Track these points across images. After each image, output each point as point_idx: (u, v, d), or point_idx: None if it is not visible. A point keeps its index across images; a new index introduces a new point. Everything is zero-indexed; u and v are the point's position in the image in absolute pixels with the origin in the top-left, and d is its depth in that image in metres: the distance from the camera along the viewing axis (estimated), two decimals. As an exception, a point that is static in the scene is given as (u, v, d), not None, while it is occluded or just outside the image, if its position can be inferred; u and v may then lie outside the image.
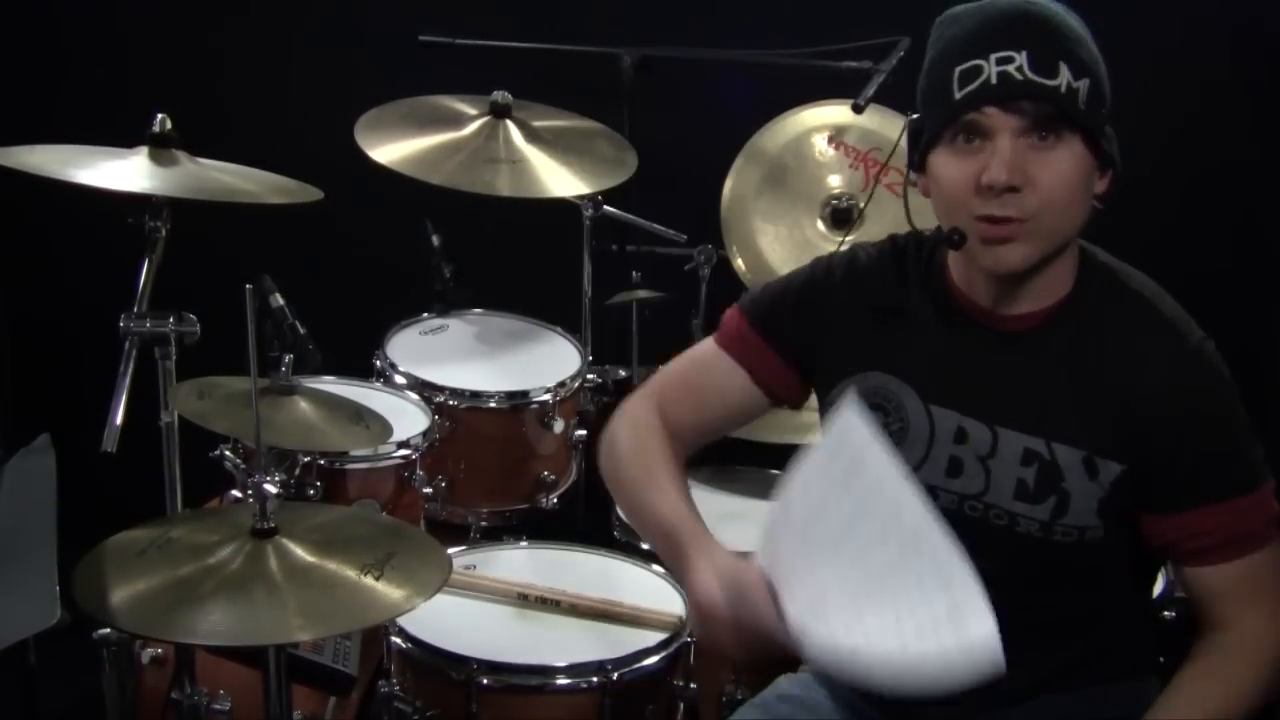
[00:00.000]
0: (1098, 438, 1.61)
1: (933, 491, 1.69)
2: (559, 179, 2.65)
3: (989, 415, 1.66)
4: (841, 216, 2.78)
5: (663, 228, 2.89)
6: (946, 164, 1.59)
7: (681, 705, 2.11)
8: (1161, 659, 1.87)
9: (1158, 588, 2.09)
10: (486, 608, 2.18)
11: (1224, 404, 1.62)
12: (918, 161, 1.64)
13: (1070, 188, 1.56)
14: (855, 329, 1.74)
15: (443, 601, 1.79)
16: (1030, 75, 1.52)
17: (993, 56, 1.53)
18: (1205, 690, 1.62)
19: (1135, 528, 1.66)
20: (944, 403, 1.68)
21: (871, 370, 1.71)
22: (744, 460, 2.69)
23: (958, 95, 1.55)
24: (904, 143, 1.71)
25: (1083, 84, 1.54)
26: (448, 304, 2.92)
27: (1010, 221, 1.55)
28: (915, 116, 1.64)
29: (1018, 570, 1.65)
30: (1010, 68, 1.52)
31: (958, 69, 1.55)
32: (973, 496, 1.68)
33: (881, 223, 2.63)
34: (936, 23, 1.61)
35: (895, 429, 1.70)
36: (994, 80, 1.53)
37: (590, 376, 2.81)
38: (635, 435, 1.82)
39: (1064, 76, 1.53)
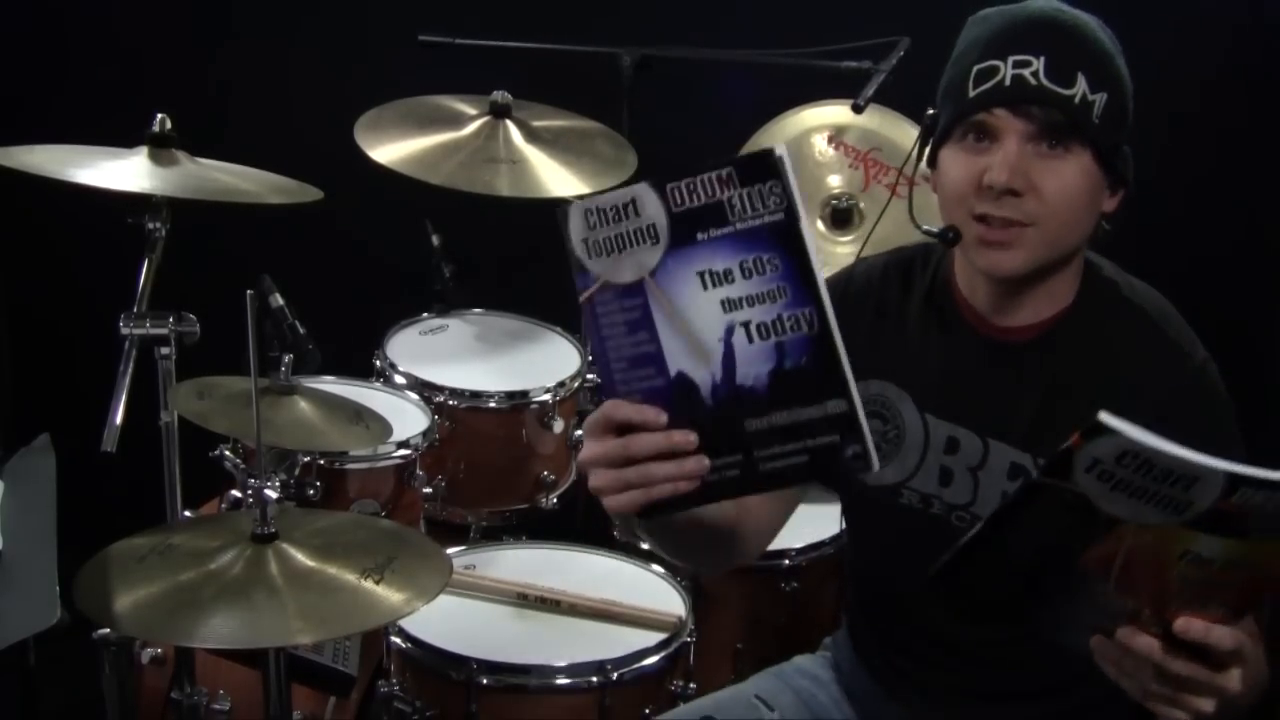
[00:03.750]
0: None
1: (926, 500, 1.70)
2: (559, 179, 2.65)
3: (981, 427, 1.66)
4: (841, 216, 2.78)
5: (663, 228, 2.88)
6: (953, 160, 1.58)
7: (681, 705, 2.11)
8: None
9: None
10: (486, 608, 2.19)
11: (1222, 428, 1.60)
12: (930, 156, 1.64)
13: (1073, 200, 1.55)
14: (854, 342, 1.73)
15: (443, 601, 1.79)
16: (1044, 82, 1.51)
17: (1010, 59, 1.53)
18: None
19: None
20: (939, 412, 1.68)
21: (871, 379, 1.71)
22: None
23: (971, 94, 1.55)
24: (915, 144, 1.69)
25: (1100, 97, 1.53)
26: (448, 304, 2.92)
27: (1008, 225, 1.54)
28: (932, 112, 1.63)
29: None
30: (1026, 71, 1.52)
31: (975, 68, 1.55)
32: (960, 507, 1.68)
33: (882, 224, 2.63)
34: (969, 21, 1.61)
35: (891, 436, 1.70)
36: (1008, 82, 1.53)
37: (590, 376, 2.80)
38: None
39: (1080, 87, 1.52)
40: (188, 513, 2.04)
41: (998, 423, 1.64)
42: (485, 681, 2.01)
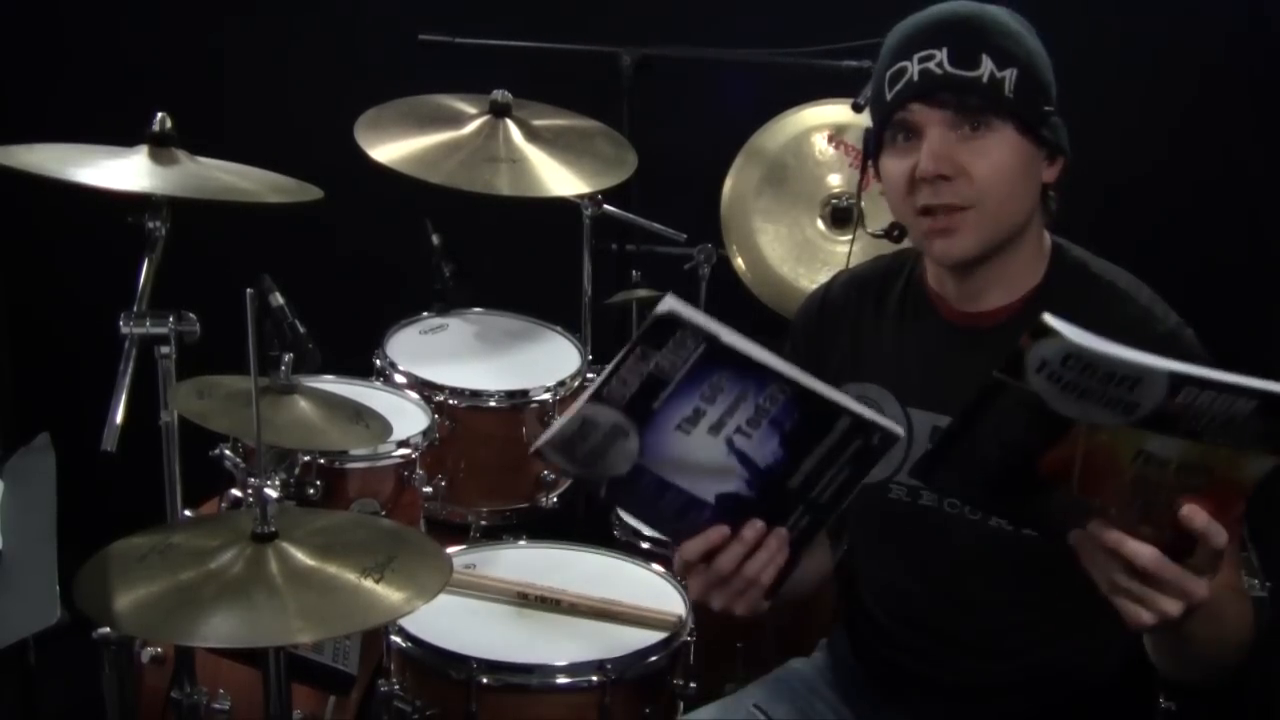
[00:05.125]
0: None
1: (914, 492, 1.72)
2: (559, 178, 2.65)
3: None
4: (841, 216, 2.78)
5: (663, 227, 2.89)
6: (889, 164, 1.66)
7: (681, 705, 2.11)
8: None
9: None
10: (486, 607, 2.19)
11: None
12: (875, 168, 1.71)
13: (1004, 175, 1.60)
14: (840, 348, 1.80)
15: (443, 601, 1.79)
16: (949, 69, 1.58)
17: (915, 56, 1.60)
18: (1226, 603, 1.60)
19: None
20: (920, 404, 1.72)
21: (855, 382, 1.76)
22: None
23: (888, 97, 1.62)
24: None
25: (1009, 73, 1.58)
26: (448, 303, 2.92)
27: (950, 211, 1.60)
28: (869, 126, 1.70)
29: (994, 567, 1.68)
30: (931, 64, 1.59)
31: (888, 73, 1.63)
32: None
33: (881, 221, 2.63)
34: (887, 36, 1.69)
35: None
36: (916, 78, 1.60)
37: (590, 376, 2.80)
38: None
39: (986, 67, 1.58)
40: (188, 512, 2.04)
41: None
42: (485, 681, 2.01)
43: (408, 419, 2.53)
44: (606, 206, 2.84)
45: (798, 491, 1.45)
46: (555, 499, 2.71)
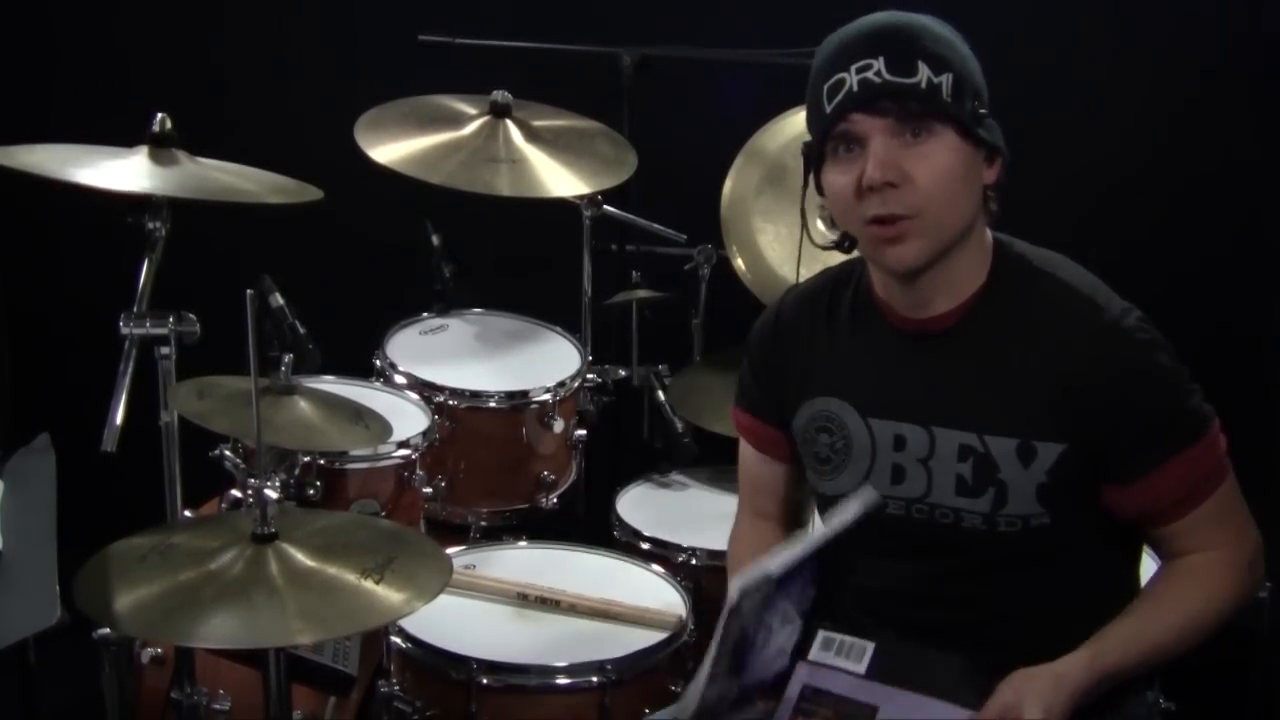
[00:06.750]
0: (1031, 423, 1.64)
1: (882, 500, 1.72)
2: (559, 179, 2.65)
3: (923, 417, 1.70)
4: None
5: (662, 227, 2.89)
6: (832, 177, 1.66)
7: None
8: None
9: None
10: (486, 607, 2.19)
11: (1157, 361, 1.64)
12: (817, 184, 1.71)
13: (949, 178, 1.61)
14: (797, 365, 1.81)
15: (443, 601, 1.79)
16: (888, 77, 1.59)
17: (853, 67, 1.61)
18: (1182, 593, 1.66)
19: (1092, 512, 1.68)
20: (880, 413, 1.73)
21: (816, 396, 1.78)
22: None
23: (828, 109, 1.63)
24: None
25: (945, 78, 1.59)
26: (448, 304, 2.92)
27: (897, 220, 1.60)
28: (807, 141, 1.70)
29: (971, 566, 1.69)
30: (869, 74, 1.60)
31: (825, 85, 1.63)
32: (918, 499, 1.72)
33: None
34: (818, 50, 1.69)
35: (839, 446, 1.76)
36: (855, 88, 1.60)
37: (590, 376, 2.81)
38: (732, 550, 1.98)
39: (923, 74, 1.59)
40: (188, 512, 2.04)
41: (938, 410, 1.69)
42: (485, 681, 2.01)
43: (408, 419, 2.53)
44: (606, 207, 2.84)
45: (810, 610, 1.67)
46: (555, 499, 2.71)
